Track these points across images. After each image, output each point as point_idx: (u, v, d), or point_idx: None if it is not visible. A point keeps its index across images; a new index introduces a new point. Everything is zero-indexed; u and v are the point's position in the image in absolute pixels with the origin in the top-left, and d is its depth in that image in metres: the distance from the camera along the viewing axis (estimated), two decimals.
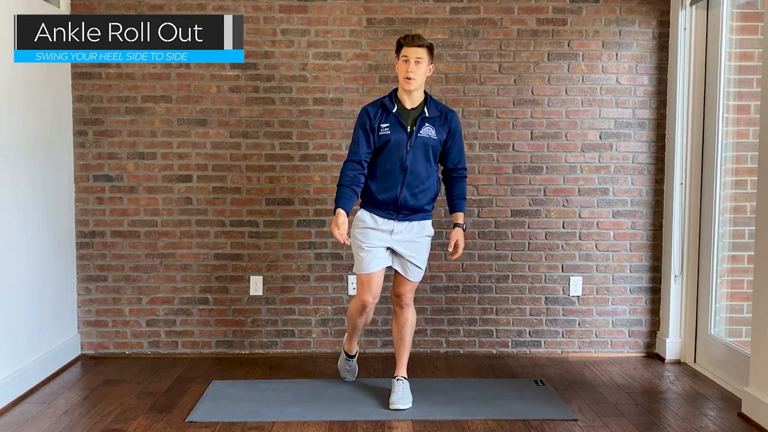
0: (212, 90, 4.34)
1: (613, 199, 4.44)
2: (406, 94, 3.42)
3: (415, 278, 3.51)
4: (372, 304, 3.52)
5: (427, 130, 3.41)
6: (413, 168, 3.39)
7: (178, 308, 4.42)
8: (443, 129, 3.44)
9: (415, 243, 3.47)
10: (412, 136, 3.39)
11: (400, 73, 3.38)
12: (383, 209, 3.44)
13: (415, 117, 3.42)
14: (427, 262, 3.59)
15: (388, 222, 3.43)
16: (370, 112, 3.44)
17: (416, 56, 3.33)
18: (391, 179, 3.40)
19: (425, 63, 3.36)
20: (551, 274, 4.46)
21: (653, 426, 3.30)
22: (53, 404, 3.54)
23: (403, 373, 3.58)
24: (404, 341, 3.57)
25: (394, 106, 3.42)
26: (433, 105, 3.46)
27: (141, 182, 4.36)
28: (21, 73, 3.69)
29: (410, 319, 3.58)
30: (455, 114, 3.52)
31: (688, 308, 4.29)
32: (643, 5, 4.35)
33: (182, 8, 4.27)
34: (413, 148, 3.39)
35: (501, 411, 3.43)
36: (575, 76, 4.38)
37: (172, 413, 3.41)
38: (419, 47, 3.33)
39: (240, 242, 4.41)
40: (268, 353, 4.45)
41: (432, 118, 3.43)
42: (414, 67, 3.33)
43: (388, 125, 3.40)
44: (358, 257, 3.47)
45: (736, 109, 4.08)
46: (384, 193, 3.41)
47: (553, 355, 4.46)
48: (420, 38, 3.36)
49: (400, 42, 3.39)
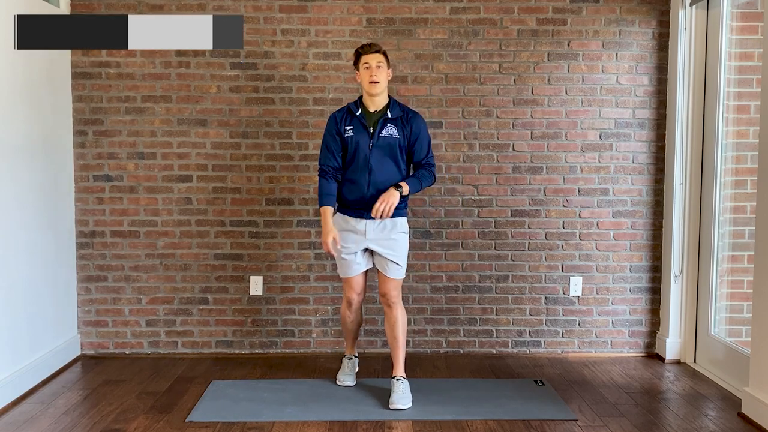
0: (212, 90, 4.34)
1: (613, 199, 4.44)
2: (370, 99, 3.59)
3: (395, 275, 3.59)
4: (357, 300, 3.71)
5: (389, 130, 3.56)
6: (378, 167, 3.54)
7: (178, 308, 4.42)
8: (406, 129, 3.59)
9: (390, 240, 3.56)
10: (374, 136, 3.54)
11: (364, 80, 3.55)
12: (353, 209, 3.58)
13: (377, 119, 3.58)
14: (407, 259, 3.64)
15: (360, 221, 3.56)
16: (336, 117, 3.63)
17: (377, 61, 3.51)
18: (358, 179, 3.55)
19: (385, 67, 3.55)
20: (551, 274, 4.46)
21: (653, 426, 3.30)
22: (53, 404, 3.55)
23: (401, 372, 3.62)
24: (397, 340, 3.63)
25: (358, 109, 3.60)
26: (396, 107, 3.62)
27: (141, 182, 4.36)
28: (21, 72, 3.69)
29: (400, 318, 3.63)
30: (418, 115, 3.66)
31: (688, 308, 4.29)
32: (643, 5, 4.35)
33: (182, 8, 4.27)
34: (376, 147, 3.54)
35: (501, 411, 3.43)
36: (575, 76, 4.38)
37: (172, 413, 3.41)
38: (377, 53, 3.53)
39: (240, 242, 4.41)
40: (268, 353, 4.45)
41: (394, 119, 3.58)
42: (376, 71, 3.51)
43: (352, 127, 3.58)
44: (339, 262, 3.67)
45: (736, 109, 4.08)
46: (352, 193, 3.56)
47: (553, 355, 4.46)
48: (376, 45, 3.57)
49: (359, 52, 3.57)
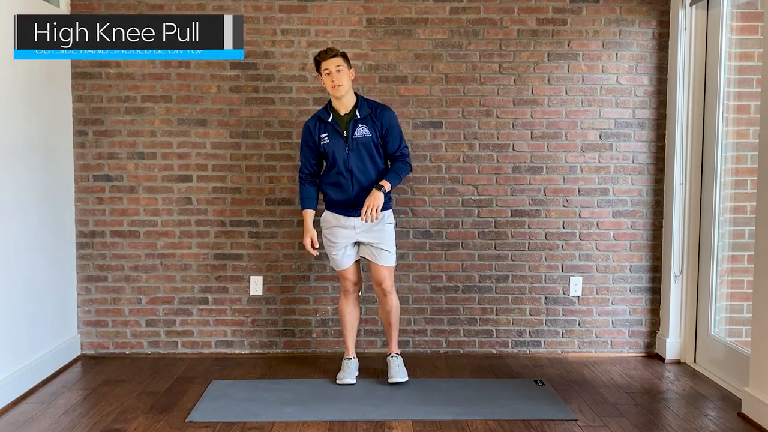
0: (212, 90, 4.34)
1: (613, 199, 4.44)
2: (338, 102, 3.73)
3: (386, 263, 3.79)
4: (354, 290, 3.89)
5: (361, 130, 3.71)
6: (358, 167, 3.71)
7: (177, 308, 4.42)
8: (376, 125, 3.73)
9: (377, 232, 3.76)
10: (348, 139, 3.70)
11: (327, 85, 3.69)
12: (342, 208, 3.77)
13: (347, 121, 3.72)
14: (395, 248, 3.85)
15: (349, 218, 3.76)
16: (310, 126, 3.79)
17: (335, 65, 3.64)
18: (342, 182, 3.73)
19: (345, 69, 3.67)
20: (551, 274, 4.46)
21: (653, 426, 3.30)
22: (53, 404, 3.55)
23: (396, 350, 3.95)
24: (392, 324, 3.92)
25: (329, 115, 3.75)
26: (364, 105, 3.75)
27: (141, 182, 4.36)
28: (21, 73, 3.69)
29: (394, 305, 3.89)
30: (387, 108, 3.81)
31: (688, 308, 4.29)
32: (643, 5, 4.35)
33: (182, 8, 4.28)
34: (352, 149, 3.71)
35: (501, 411, 3.43)
36: (575, 76, 4.38)
37: (172, 413, 3.41)
38: (334, 57, 3.65)
39: (240, 242, 4.41)
40: (268, 353, 4.45)
41: (364, 118, 3.72)
42: (337, 75, 3.63)
43: (327, 134, 3.74)
44: (332, 257, 3.84)
45: (736, 109, 4.08)
46: (338, 195, 3.76)
47: (553, 355, 4.46)
48: (333, 50, 3.68)
49: (317, 59, 3.69)
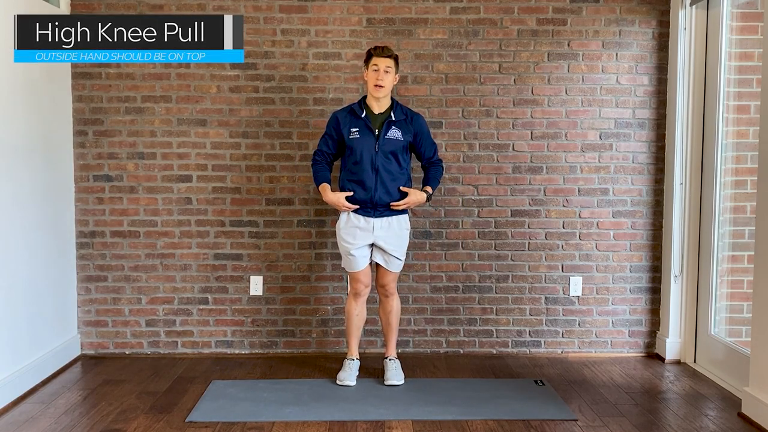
0: (212, 90, 4.34)
1: (613, 199, 4.44)
2: (374, 101, 3.74)
3: (396, 269, 3.84)
4: (365, 292, 3.85)
5: (394, 132, 3.72)
6: (384, 167, 3.70)
7: (177, 308, 4.42)
8: (409, 130, 3.75)
9: (396, 237, 3.78)
10: (380, 138, 3.68)
11: (369, 81, 3.70)
12: (361, 208, 3.74)
13: (382, 121, 3.73)
14: (406, 253, 3.90)
15: (369, 219, 3.74)
16: (339, 118, 3.77)
17: (386, 65, 3.65)
18: (366, 180, 3.70)
19: (392, 72, 3.70)
20: (551, 274, 4.46)
21: (653, 426, 3.30)
22: (53, 404, 3.55)
23: (394, 353, 3.95)
24: (392, 326, 3.92)
25: (362, 111, 3.74)
26: (399, 109, 3.78)
27: (141, 182, 4.36)
28: (21, 73, 3.69)
29: (395, 306, 3.91)
30: (420, 116, 3.85)
31: (688, 308, 4.29)
32: (643, 5, 4.35)
33: (182, 8, 4.28)
34: (382, 149, 3.69)
35: (501, 411, 3.43)
36: (575, 76, 4.38)
37: (172, 413, 3.41)
38: (388, 57, 3.66)
39: (240, 242, 4.41)
40: (268, 353, 4.45)
41: (398, 122, 3.74)
42: (383, 76, 3.65)
43: (358, 129, 3.72)
44: (347, 258, 3.81)
45: (736, 109, 4.08)
46: (360, 193, 3.71)
47: (553, 355, 4.46)
48: (389, 50, 3.69)
49: (371, 52, 3.70)
